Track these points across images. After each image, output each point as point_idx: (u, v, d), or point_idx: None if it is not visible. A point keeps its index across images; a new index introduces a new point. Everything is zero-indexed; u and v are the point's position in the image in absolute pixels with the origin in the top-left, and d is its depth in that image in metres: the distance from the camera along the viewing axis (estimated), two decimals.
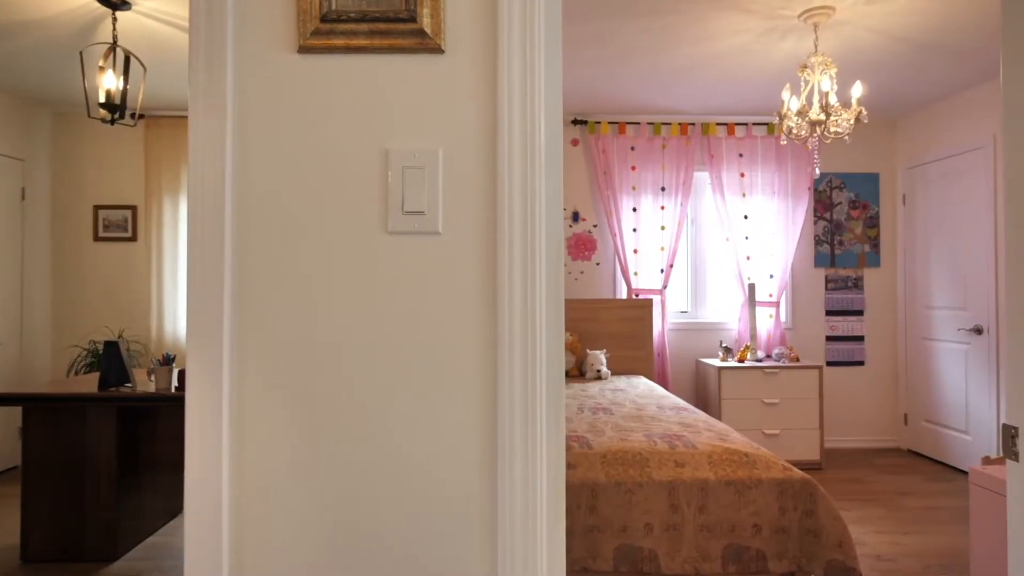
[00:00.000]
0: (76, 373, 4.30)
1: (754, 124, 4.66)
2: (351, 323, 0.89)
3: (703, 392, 4.48)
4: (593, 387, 3.74)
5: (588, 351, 4.19)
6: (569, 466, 2.25)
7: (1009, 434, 1.04)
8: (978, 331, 3.98)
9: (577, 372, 4.25)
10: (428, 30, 0.89)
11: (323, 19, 0.88)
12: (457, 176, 0.90)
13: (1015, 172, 1.05)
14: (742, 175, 4.63)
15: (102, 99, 2.77)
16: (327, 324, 0.89)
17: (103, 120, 2.80)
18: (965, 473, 4.08)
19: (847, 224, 4.77)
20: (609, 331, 4.45)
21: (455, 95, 0.90)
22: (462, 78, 0.90)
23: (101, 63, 2.78)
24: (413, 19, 0.88)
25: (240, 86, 0.89)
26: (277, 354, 0.88)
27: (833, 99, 2.79)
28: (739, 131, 4.68)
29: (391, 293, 0.89)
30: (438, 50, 0.89)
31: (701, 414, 2.94)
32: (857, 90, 2.82)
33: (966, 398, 4.08)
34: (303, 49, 0.89)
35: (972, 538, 2.31)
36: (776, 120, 2.88)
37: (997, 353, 3.84)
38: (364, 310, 0.89)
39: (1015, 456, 1.03)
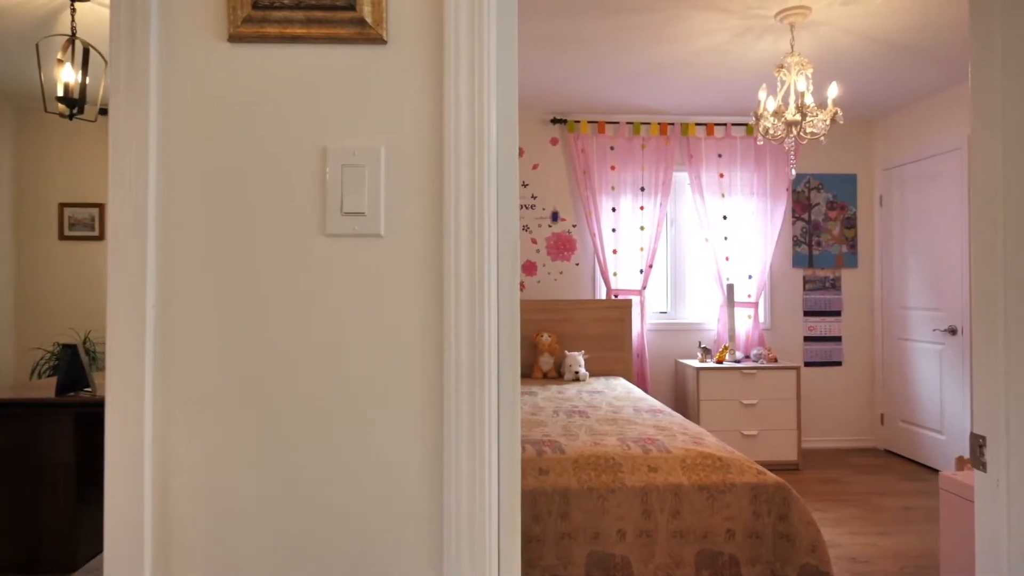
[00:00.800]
0: (39, 376, 4.17)
1: (733, 124, 4.66)
2: (284, 330, 0.83)
3: (682, 393, 4.46)
4: (571, 389, 3.70)
5: (567, 352, 4.16)
6: (541, 472, 2.20)
7: (977, 443, 1.01)
8: (952, 331, 4.00)
9: (556, 373, 4.21)
10: (369, 19, 0.83)
11: (255, 5, 0.82)
12: (401, 175, 0.84)
13: (981, 182, 1.02)
14: (721, 175, 4.63)
15: (60, 93, 2.67)
16: (258, 330, 0.83)
17: (61, 115, 2.70)
18: (940, 472, 4.11)
19: (825, 225, 4.78)
20: (588, 332, 4.42)
21: (398, 89, 0.84)
22: (406, 71, 0.84)
23: (60, 55, 2.68)
24: (352, 7, 0.83)
25: (165, 77, 0.83)
26: (205, 362, 0.82)
27: (809, 100, 2.78)
28: (718, 131, 4.67)
29: (329, 299, 0.83)
30: (380, 40, 0.84)
31: (677, 417, 2.91)
32: (833, 91, 2.81)
33: (940, 398, 4.11)
34: (233, 38, 0.83)
35: (942, 543, 2.30)
36: (753, 121, 2.85)
37: (971, 354, 3.86)
38: (299, 317, 0.83)
39: (982, 466, 1.00)
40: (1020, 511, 0.95)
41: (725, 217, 4.61)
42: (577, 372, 4.02)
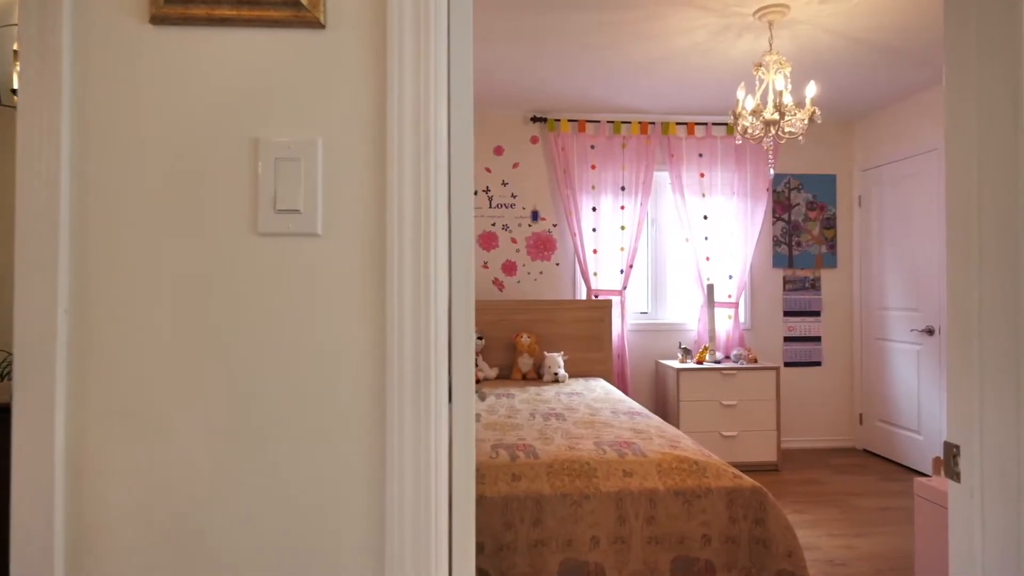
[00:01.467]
0: None
1: (714, 124, 4.64)
2: (212, 337, 0.76)
3: (662, 394, 4.44)
4: (549, 391, 3.65)
5: (546, 353, 4.11)
6: (514, 477, 2.15)
7: (951, 452, 0.98)
8: (930, 332, 4.02)
9: (535, 375, 4.16)
10: (305, 1, 0.77)
11: None
12: (340, 170, 0.78)
13: (955, 186, 0.98)
14: (702, 175, 4.61)
15: (15, 85, 2.56)
16: (182, 337, 0.76)
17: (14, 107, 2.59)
18: (918, 472, 4.13)
19: (804, 225, 4.78)
20: (568, 332, 4.37)
21: (338, 76, 0.78)
22: (346, 57, 0.78)
23: (15, 47, 2.57)
24: None
25: (79, 61, 0.76)
26: (124, 371, 0.76)
27: (787, 99, 2.75)
28: (699, 131, 4.65)
29: (261, 303, 0.77)
30: (317, 24, 0.78)
31: (655, 419, 2.87)
32: (811, 90, 2.79)
33: (918, 398, 4.13)
34: (156, 19, 0.76)
35: (917, 549, 2.29)
36: (731, 119, 2.82)
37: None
38: (227, 323, 0.76)
39: (956, 476, 0.96)
40: (995, 523, 0.91)
41: (706, 217, 4.59)
42: (556, 373, 3.98)
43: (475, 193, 4.57)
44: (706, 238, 4.59)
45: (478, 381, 3.97)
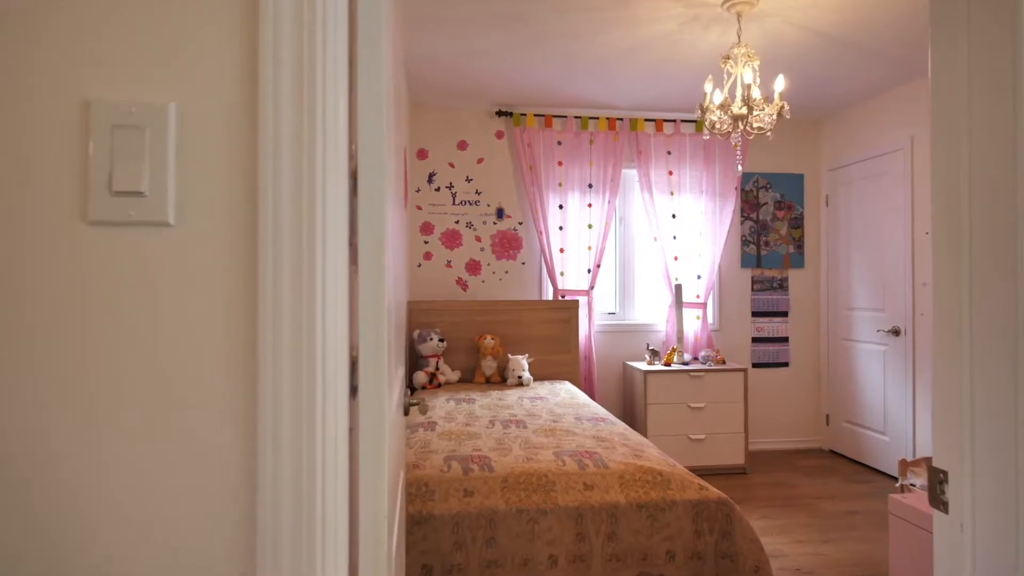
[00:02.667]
0: None
1: (682, 121, 4.55)
2: (24, 354, 0.59)
3: (629, 397, 4.33)
4: (512, 395, 3.50)
5: (510, 356, 3.96)
6: (467, 493, 1.99)
7: (937, 479, 0.86)
8: (896, 332, 3.99)
9: (499, 378, 4.01)
10: None
11: None
12: (199, 143, 0.62)
13: (942, 186, 0.86)
14: (670, 173, 4.52)
15: None
16: None
17: None
18: (884, 474, 4.10)
19: (773, 225, 4.73)
20: (534, 334, 4.24)
21: (198, 22, 0.62)
22: None
23: None
24: None
25: None
26: None
27: (756, 93, 2.65)
28: (667, 128, 4.56)
29: (91, 311, 0.60)
30: None
31: (620, 425, 2.75)
32: (779, 84, 2.69)
33: (884, 399, 4.10)
34: None
35: (892, 570, 2.20)
36: (699, 114, 2.71)
37: (914, 354, 3.85)
38: (46, 336, 0.59)
39: (943, 506, 0.84)
40: (988, 562, 0.79)
41: (674, 216, 4.50)
42: (520, 377, 3.83)
43: (437, 189, 4.40)
44: (674, 237, 4.50)
45: (439, 385, 3.81)
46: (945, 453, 0.85)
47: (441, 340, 3.88)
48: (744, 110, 2.65)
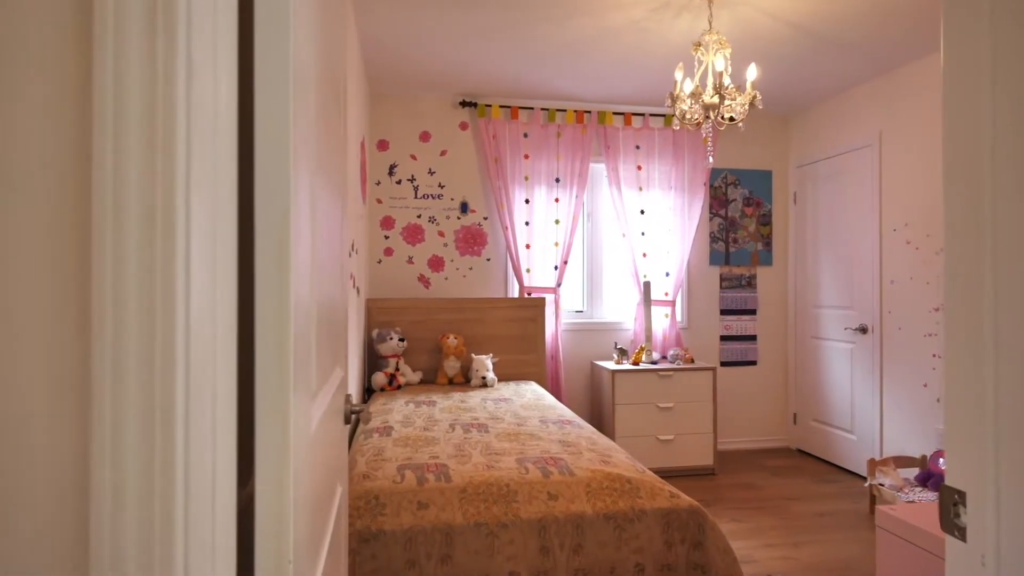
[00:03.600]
0: None
1: (651, 115, 4.46)
2: None
3: (597, 397, 4.22)
4: (475, 397, 3.34)
5: (473, 356, 3.80)
6: (420, 506, 1.83)
7: (951, 500, 0.73)
8: (863, 330, 3.97)
9: (462, 379, 3.84)
10: None
11: None
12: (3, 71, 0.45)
13: (957, 166, 0.74)
14: (639, 168, 4.42)
15: None
16: None
17: None
18: (852, 473, 4.08)
19: (741, 222, 4.68)
20: (499, 333, 4.08)
21: None
22: None
23: None
24: None
25: None
26: None
27: (727, 81, 2.55)
28: (636, 121, 4.46)
29: None
30: None
31: (587, 428, 2.62)
32: (752, 73, 2.60)
33: (851, 398, 4.08)
34: None
35: None
36: (669, 103, 2.60)
37: (881, 352, 3.83)
38: None
39: (959, 533, 0.72)
40: None
41: (643, 211, 4.41)
42: (484, 377, 3.68)
43: (398, 182, 4.21)
44: (643, 233, 4.40)
45: (398, 387, 3.62)
46: (962, 470, 0.72)
47: (401, 340, 3.70)
48: (715, 99, 2.55)
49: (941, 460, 3.23)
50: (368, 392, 3.78)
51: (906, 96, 3.64)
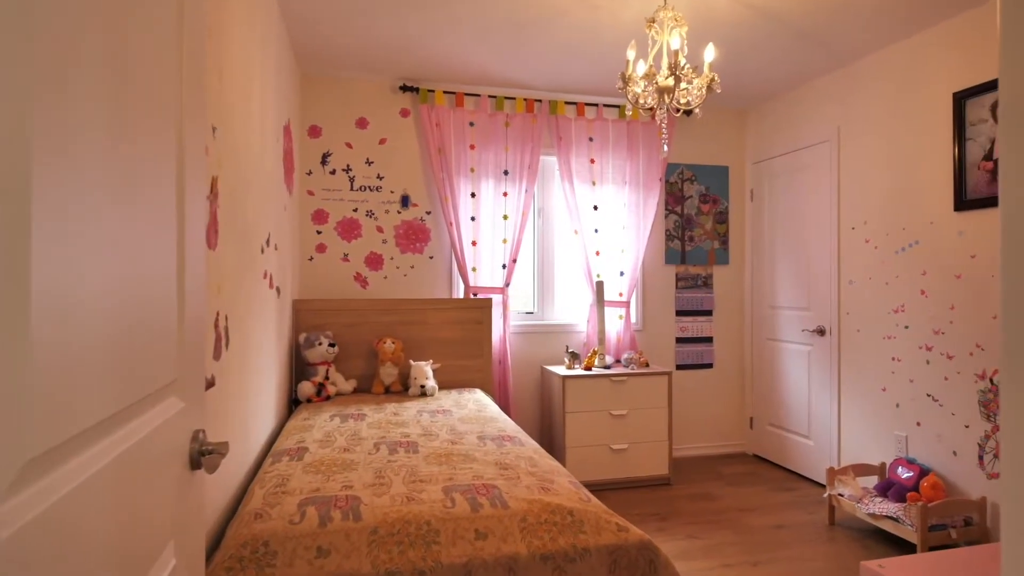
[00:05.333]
0: None
1: (605, 106, 4.23)
2: None
3: (547, 404, 3.97)
4: (411, 408, 3.03)
5: (412, 362, 3.49)
6: (320, 553, 1.52)
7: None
8: (821, 332, 3.83)
9: (400, 387, 3.52)
10: None
11: None
12: None
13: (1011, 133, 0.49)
14: (592, 161, 4.18)
15: None
16: None
17: None
18: (809, 480, 3.94)
19: (697, 219, 4.51)
20: (442, 336, 3.78)
21: None
22: None
23: None
24: None
25: None
26: None
27: (683, 61, 2.32)
28: (589, 112, 4.22)
29: None
30: None
31: (529, 446, 2.35)
32: (710, 53, 2.38)
33: (808, 402, 3.94)
34: None
35: None
36: (620, 84, 2.34)
37: (839, 355, 3.70)
38: None
39: None
40: None
41: (596, 207, 4.17)
42: (423, 386, 3.37)
43: (332, 173, 3.86)
44: (596, 231, 4.17)
45: (327, 398, 3.27)
46: None
47: (331, 345, 3.35)
48: (671, 81, 2.31)
49: (900, 468, 3.10)
50: (295, 404, 3.43)
51: (864, 90, 3.51)
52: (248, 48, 2.13)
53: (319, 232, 3.83)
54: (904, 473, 3.07)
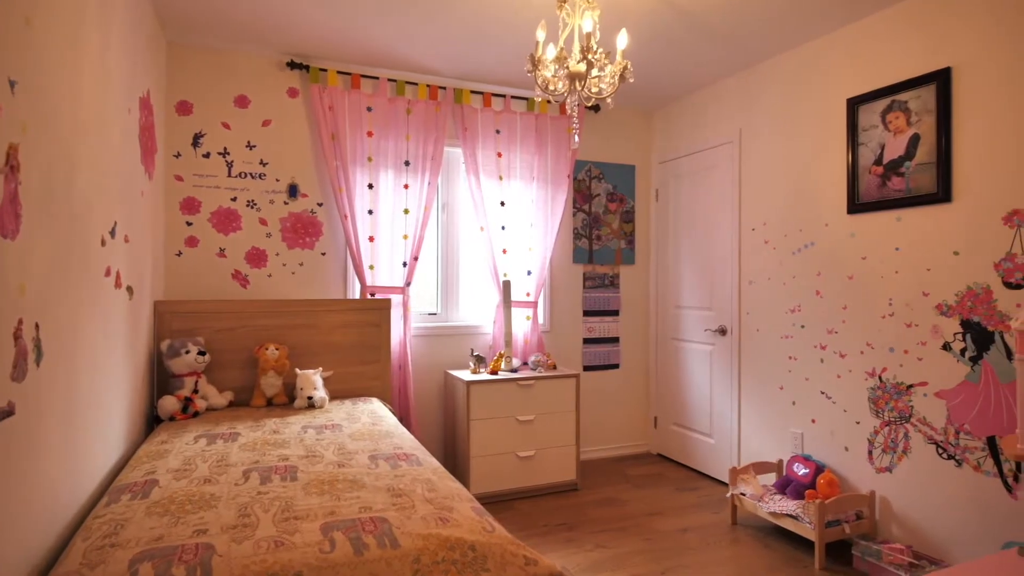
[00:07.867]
0: None
1: (513, 97, 4.05)
2: None
3: (451, 412, 3.72)
4: (295, 424, 2.68)
5: (297, 371, 3.12)
6: None
7: None
8: (722, 332, 3.87)
9: (285, 399, 3.14)
10: None
11: None
12: None
13: None
14: (499, 155, 3.98)
15: None
16: None
17: None
18: (711, 478, 3.97)
19: (605, 218, 4.44)
20: (334, 341, 3.43)
21: None
22: None
23: None
24: None
25: None
26: None
27: (596, 46, 2.16)
28: (496, 103, 4.02)
29: None
30: None
31: (428, 465, 2.10)
32: (622, 40, 2.24)
33: (711, 401, 3.98)
34: None
35: None
36: (529, 67, 2.15)
37: (739, 355, 3.74)
38: None
39: None
40: None
41: (503, 203, 3.98)
42: (311, 398, 3.02)
43: (206, 156, 3.39)
44: (503, 228, 3.98)
45: (195, 414, 2.84)
46: None
47: (201, 353, 2.92)
48: (583, 67, 2.15)
49: (797, 465, 3.15)
50: (157, 422, 2.95)
51: (765, 93, 3.56)
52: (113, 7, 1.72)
53: (189, 224, 3.35)
54: (801, 470, 3.12)
